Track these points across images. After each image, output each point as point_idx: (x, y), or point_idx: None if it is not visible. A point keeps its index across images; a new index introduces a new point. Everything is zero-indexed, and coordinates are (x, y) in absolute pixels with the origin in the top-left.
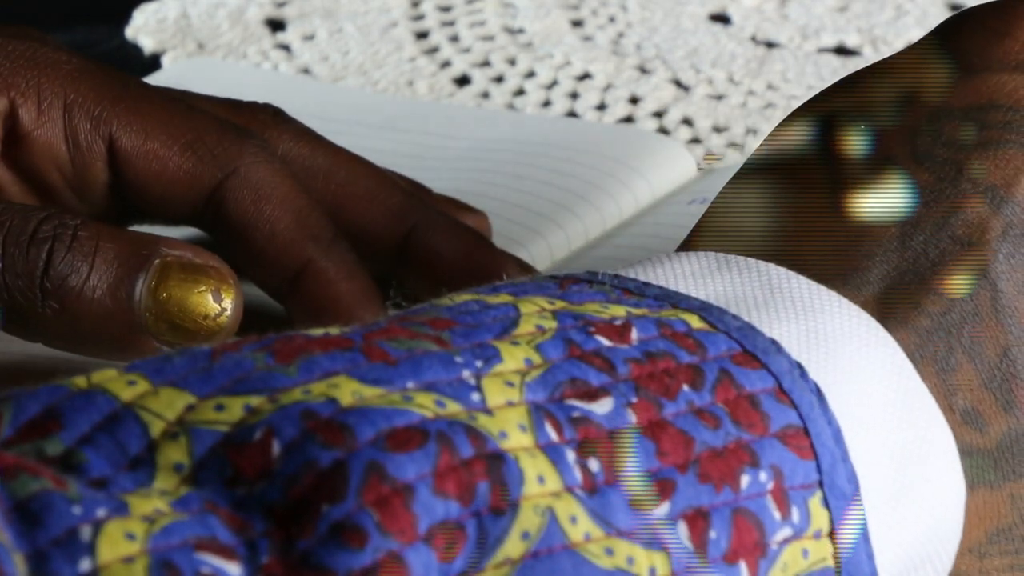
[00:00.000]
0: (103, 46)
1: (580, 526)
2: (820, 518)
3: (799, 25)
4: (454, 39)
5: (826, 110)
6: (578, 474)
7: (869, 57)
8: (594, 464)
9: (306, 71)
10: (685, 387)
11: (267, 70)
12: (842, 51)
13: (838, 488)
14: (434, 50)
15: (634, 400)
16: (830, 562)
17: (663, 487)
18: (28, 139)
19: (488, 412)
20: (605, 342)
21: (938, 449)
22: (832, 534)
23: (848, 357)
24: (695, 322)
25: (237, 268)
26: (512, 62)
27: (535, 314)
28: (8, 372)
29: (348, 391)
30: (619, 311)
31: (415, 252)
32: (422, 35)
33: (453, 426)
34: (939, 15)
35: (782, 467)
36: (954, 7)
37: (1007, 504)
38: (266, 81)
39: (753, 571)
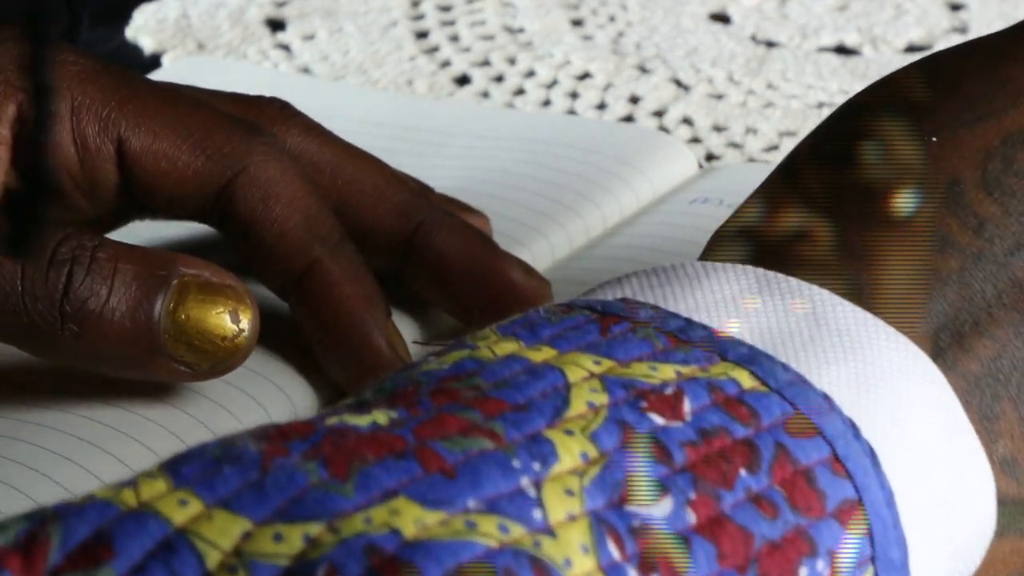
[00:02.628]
0: (103, 46)
1: None
2: None
3: (799, 24)
4: (454, 38)
5: (893, 112)
6: None
7: (869, 57)
8: None
9: (306, 71)
10: (742, 472)
11: (267, 69)
12: (842, 50)
13: (888, 559)
14: (434, 49)
15: (692, 496)
16: None
17: None
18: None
19: (551, 533)
20: (659, 421)
21: (978, 493)
22: None
23: (898, 401)
24: (745, 380)
25: (245, 265)
26: (512, 61)
27: (584, 384)
28: (8, 372)
29: (410, 519)
30: (668, 373)
31: (420, 251)
32: (422, 35)
33: (519, 558)
34: (939, 14)
35: (838, 549)
36: (954, 7)
37: None
38: (266, 79)
39: None
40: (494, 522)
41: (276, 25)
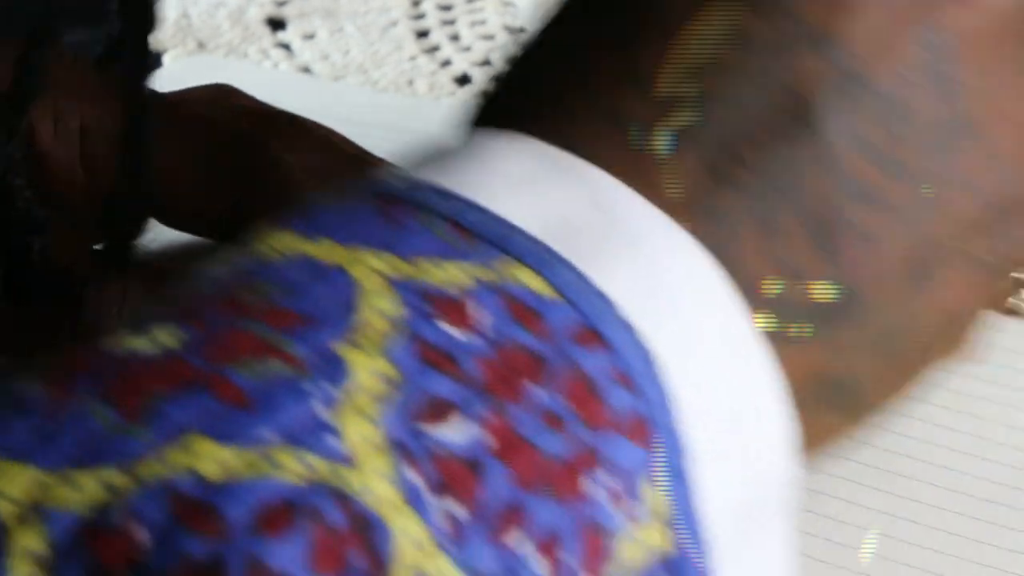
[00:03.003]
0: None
1: None
2: (658, 505)
3: None
4: (454, 38)
5: None
6: (442, 522)
7: None
8: (455, 507)
9: (306, 70)
10: (532, 386)
11: (267, 68)
12: None
13: (675, 470)
14: (434, 49)
15: (487, 415)
16: (669, 547)
17: (518, 513)
18: (45, 159)
19: (350, 463)
20: (450, 331)
21: (771, 404)
22: (669, 519)
23: (686, 309)
24: (532, 282)
25: None
26: None
27: (373, 289)
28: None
29: (208, 457)
30: (455, 272)
31: None
32: (422, 34)
33: (321, 492)
34: None
35: (622, 461)
36: None
37: (831, 353)
38: (267, 79)
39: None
40: (292, 455)
41: (276, 24)
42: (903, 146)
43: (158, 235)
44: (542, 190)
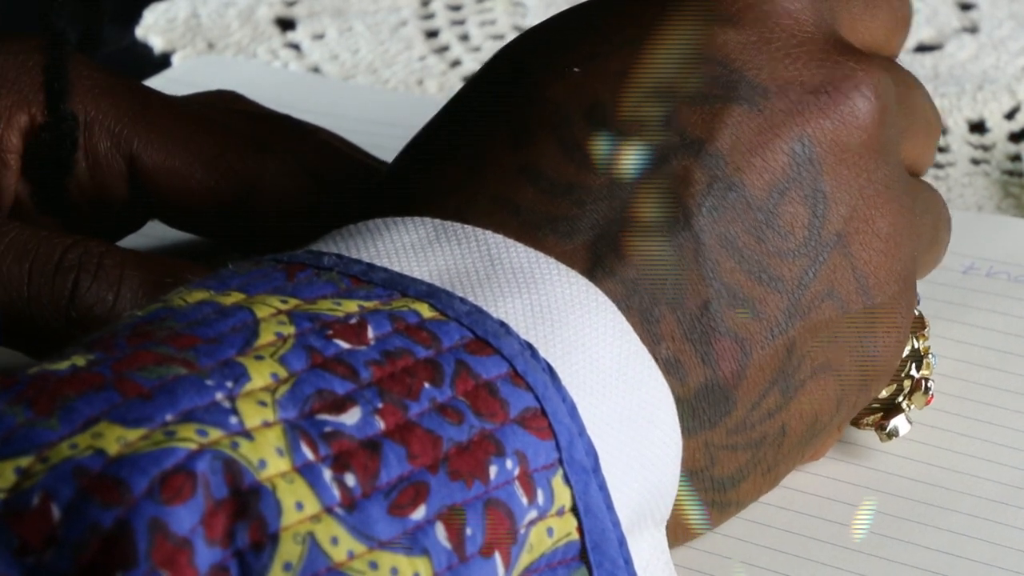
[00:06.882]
0: (114, 46)
1: (342, 545)
2: (563, 495)
3: None
4: (464, 38)
5: (531, 49)
6: (336, 492)
7: None
8: (350, 479)
9: (316, 70)
10: (426, 385)
11: (277, 68)
12: None
13: (577, 463)
14: (444, 49)
15: (380, 406)
16: (575, 536)
17: (417, 490)
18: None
19: (248, 436)
20: (344, 345)
21: (661, 409)
22: (575, 509)
23: (573, 328)
24: (425, 311)
25: None
26: None
27: (272, 319)
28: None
29: (113, 438)
30: (351, 306)
31: None
32: (432, 34)
33: (214, 463)
34: (949, 14)
35: (525, 451)
36: (965, 7)
37: (701, 450)
38: (276, 80)
39: (506, 560)
40: (192, 428)
41: (286, 24)
42: (770, 254)
43: (158, 235)
44: (437, 250)
